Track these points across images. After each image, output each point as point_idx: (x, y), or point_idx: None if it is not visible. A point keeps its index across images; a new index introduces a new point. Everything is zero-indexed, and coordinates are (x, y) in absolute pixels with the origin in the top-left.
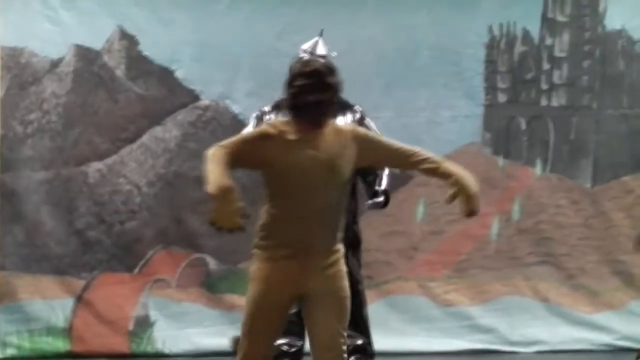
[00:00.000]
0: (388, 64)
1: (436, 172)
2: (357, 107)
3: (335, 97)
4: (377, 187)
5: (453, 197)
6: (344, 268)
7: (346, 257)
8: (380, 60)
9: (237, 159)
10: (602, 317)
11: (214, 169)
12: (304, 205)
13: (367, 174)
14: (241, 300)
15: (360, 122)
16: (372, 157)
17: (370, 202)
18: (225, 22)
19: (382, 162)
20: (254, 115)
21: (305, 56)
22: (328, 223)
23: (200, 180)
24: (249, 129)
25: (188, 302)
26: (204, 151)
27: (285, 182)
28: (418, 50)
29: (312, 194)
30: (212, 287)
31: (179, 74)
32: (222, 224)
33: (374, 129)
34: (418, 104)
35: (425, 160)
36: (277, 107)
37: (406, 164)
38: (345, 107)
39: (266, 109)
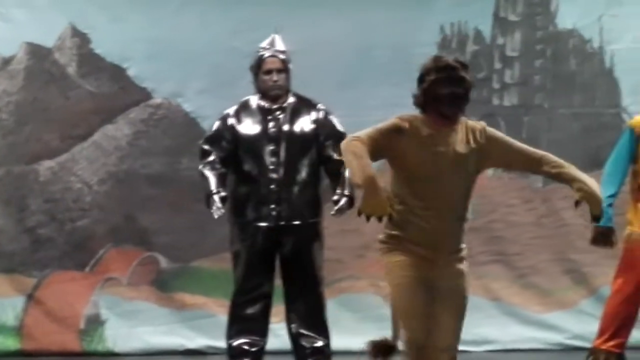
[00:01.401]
0: (342, 62)
1: (561, 176)
2: (320, 105)
3: (469, 91)
4: (339, 191)
5: (579, 202)
6: (466, 267)
7: (310, 253)
8: (334, 59)
9: (373, 151)
10: (553, 316)
11: (356, 160)
12: (433, 201)
13: (332, 172)
14: (192, 299)
15: (325, 120)
16: (501, 158)
17: (334, 210)
18: (178, 19)
19: (510, 164)
20: (218, 119)
21: (265, 53)
22: (455, 220)
23: (151, 178)
24: (213, 128)
25: (139, 300)
26: (155, 149)
27: (414, 178)
28: (372, 49)
29: (440, 190)
30: (163, 285)
31: (131, 71)
32: (372, 212)
33: (339, 127)
34: (372, 102)
35: (552, 164)
36: (241, 110)
37: (534, 168)
38: (308, 105)
39: (230, 111)
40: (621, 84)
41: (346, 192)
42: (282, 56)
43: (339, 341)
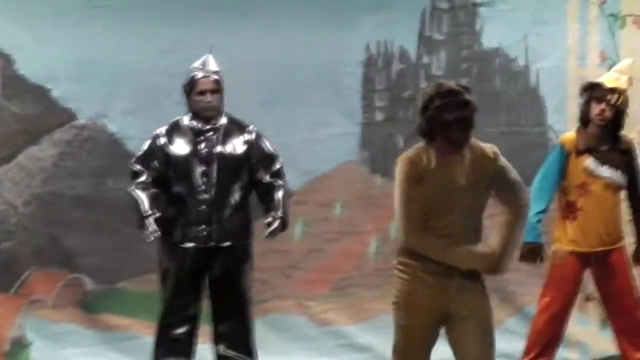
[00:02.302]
0: (267, 82)
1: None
2: (251, 127)
3: (474, 115)
4: (272, 213)
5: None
6: (484, 289)
7: (240, 274)
8: (259, 79)
9: (422, 224)
10: None
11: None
12: (446, 229)
13: (263, 194)
14: (118, 320)
15: (256, 142)
16: (496, 190)
17: (267, 232)
18: (103, 40)
19: (500, 199)
20: (149, 139)
21: (198, 74)
22: (469, 245)
23: (76, 199)
24: (144, 148)
25: (65, 322)
26: (80, 170)
27: (427, 207)
28: (297, 69)
29: (453, 217)
30: (89, 307)
31: (56, 92)
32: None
33: (270, 149)
34: (296, 122)
35: (512, 213)
36: (172, 130)
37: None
38: (240, 126)
39: (161, 131)
40: (547, 102)
41: (278, 214)
42: (215, 77)
43: None
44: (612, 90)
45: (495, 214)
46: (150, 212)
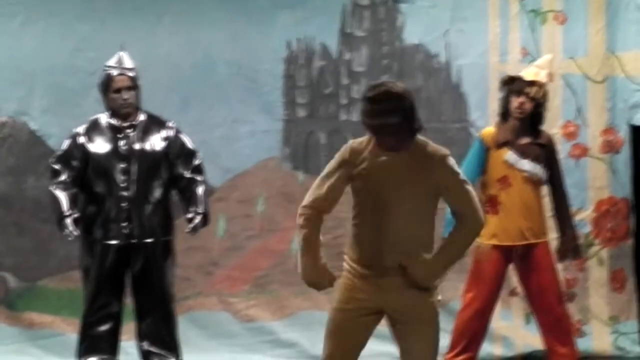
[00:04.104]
0: (184, 80)
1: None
2: (170, 123)
3: (403, 120)
4: (193, 209)
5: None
6: (424, 291)
7: (162, 271)
8: (176, 76)
9: (326, 209)
10: None
11: (303, 256)
12: (377, 224)
13: (184, 190)
14: (41, 318)
15: (175, 138)
16: (444, 193)
17: (189, 228)
18: (19, 38)
19: (449, 201)
20: (68, 138)
21: (113, 72)
22: (401, 244)
23: None
24: (63, 147)
25: None
26: (0, 168)
27: (362, 202)
28: (215, 66)
29: (382, 215)
30: (12, 304)
31: None
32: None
33: (189, 145)
34: (215, 120)
35: (460, 229)
36: (91, 128)
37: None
38: (158, 123)
39: (80, 130)
40: (468, 98)
41: (200, 209)
42: (130, 74)
43: (189, 359)
44: (531, 83)
45: None
46: (69, 212)
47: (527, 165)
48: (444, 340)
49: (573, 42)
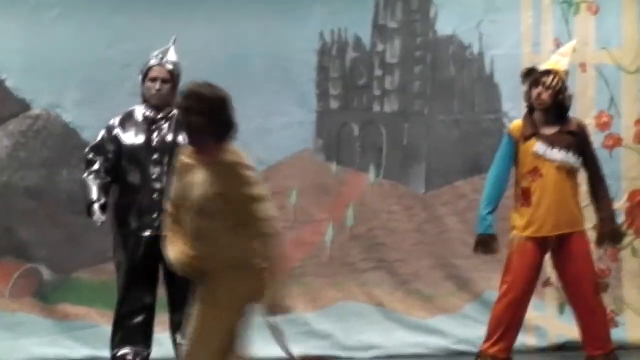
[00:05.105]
0: (219, 72)
1: None
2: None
3: (187, 120)
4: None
5: None
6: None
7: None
8: (211, 68)
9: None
10: (437, 321)
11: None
12: (186, 224)
13: None
14: (74, 310)
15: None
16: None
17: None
18: (55, 30)
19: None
20: (104, 128)
21: (153, 61)
22: (203, 244)
23: (30, 190)
24: (98, 138)
25: (22, 312)
26: (34, 160)
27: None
28: (249, 58)
29: (188, 216)
30: (45, 296)
31: (9, 83)
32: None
33: None
34: (249, 111)
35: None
36: (125, 119)
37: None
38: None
39: (114, 121)
40: (501, 89)
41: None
42: (169, 66)
43: None
44: (546, 73)
45: None
46: (95, 198)
47: (557, 154)
48: (479, 331)
49: (606, 33)
